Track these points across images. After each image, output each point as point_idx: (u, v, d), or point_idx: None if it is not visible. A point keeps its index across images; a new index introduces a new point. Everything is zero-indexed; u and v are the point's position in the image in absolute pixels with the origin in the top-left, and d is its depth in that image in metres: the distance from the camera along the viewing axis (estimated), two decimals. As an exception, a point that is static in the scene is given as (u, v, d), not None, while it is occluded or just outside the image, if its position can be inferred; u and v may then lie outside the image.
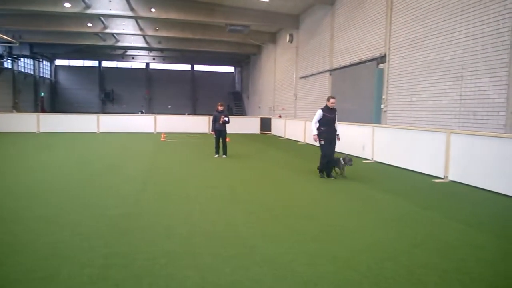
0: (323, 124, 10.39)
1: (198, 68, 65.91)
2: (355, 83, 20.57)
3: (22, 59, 47.40)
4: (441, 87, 14.11)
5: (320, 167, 10.60)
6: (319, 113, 10.40)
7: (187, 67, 65.69)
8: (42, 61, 54.55)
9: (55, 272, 4.16)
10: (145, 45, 43.62)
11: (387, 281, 4.08)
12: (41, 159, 13.08)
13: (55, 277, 4.05)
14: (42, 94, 54.60)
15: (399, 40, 16.84)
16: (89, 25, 34.19)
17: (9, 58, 43.76)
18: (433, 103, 14.59)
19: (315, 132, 10.49)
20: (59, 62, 61.60)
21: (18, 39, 37.96)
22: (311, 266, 4.43)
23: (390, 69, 17.54)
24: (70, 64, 62.65)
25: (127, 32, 36.40)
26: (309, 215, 6.64)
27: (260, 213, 6.65)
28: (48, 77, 58.87)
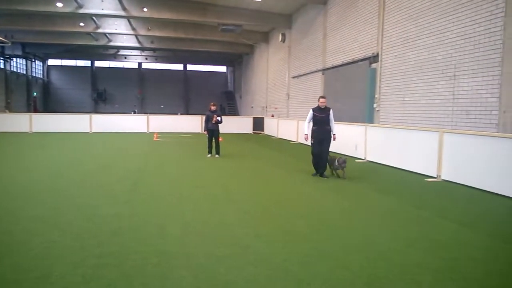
0: (314, 123, 10.56)
1: (190, 67, 65.88)
2: (348, 83, 20.62)
3: (14, 59, 47.22)
4: (434, 86, 14.16)
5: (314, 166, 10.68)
6: (310, 112, 10.61)
7: (179, 66, 65.63)
8: (34, 61, 54.34)
9: (48, 272, 4.13)
10: (137, 44, 43.51)
11: (380, 280, 4.08)
12: (33, 159, 12.98)
13: (48, 277, 4.01)
14: (35, 94, 54.36)
15: (391, 39, 16.90)
16: (82, 24, 34.05)
17: (1, 58, 43.57)
18: (425, 102, 14.64)
19: (305, 131, 10.78)
20: (51, 62, 61.36)
21: (10, 39, 37.75)
22: (305, 265, 4.42)
23: (383, 68, 17.59)
24: (63, 64, 62.42)
25: (119, 32, 36.29)
26: (302, 214, 6.64)
27: (254, 213, 6.64)
28: (41, 77, 58.62)
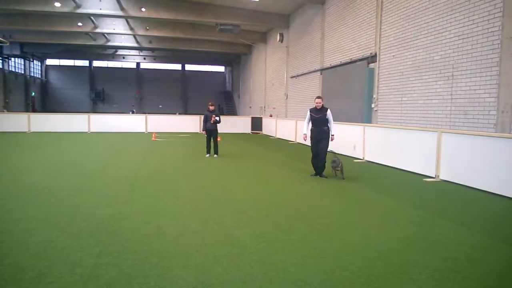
0: (312, 124, 10.63)
1: (189, 67, 65.91)
2: (346, 83, 20.63)
3: (12, 58, 47.15)
4: (432, 86, 14.18)
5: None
6: (308, 113, 10.66)
7: (178, 66, 65.66)
8: (32, 61, 54.31)
9: (46, 271, 4.12)
10: (135, 44, 43.45)
11: (379, 280, 4.08)
12: (32, 159, 12.95)
13: (47, 276, 4.00)
14: (33, 93, 54.30)
15: (389, 39, 16.92)
16: (80, 24, 34.00)
17: (-1, 58, 43.54)
18: (423, 102, 14.66)
19: (304, 131, 10.81)
20: (49, 62, 61.31)
21: (9, 39, 37.67)
22: (303, 265, 4.42)
23: (381, 68, 17.61)
24: (61, 64, 62.38)
25: (117, 32, 36.24)
26: (300, 214, 6.64)
27: (252, 213, 6.64)
28: (39, 76, 58.57)
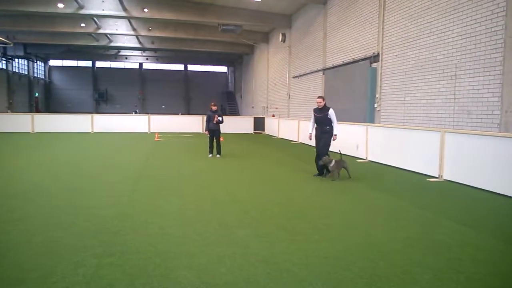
0: (315, 123, 10.71)
1: (191, 68, 65.93)
2: (349, 82, 20.60)
3: (16, 59, 47.27)
4: (435, 86, 14.15)
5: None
6: (312, 113, 10.76)
7: (180, 67, 65.68)
8: (36, 62, 54.43)
9: (49, 271, 4.12)
10: (138, 45, 43.50)
11: (381, 280, 4.07)
12: (35, 159, 12.98)
13: (49, 276, 4.01)
14: (37, 94, 54.44)
15: (392, 39, 16.88)
16: (83, 25, 34.04)
17: (3, 59, 43.60)
18: (426, 102, 14.63)
19: (310, 130, 10.89)
20: (53, 63, 61.46)
21: (12, 40, 37.77)
22: (306, 265, 4.41)
23: (383, 68, 17.58)
24: (64, 65, 62.52)
25: (120, 33, 36.28)
26: (303, 214, 6.63)
27: (255, 213, 6.63)
28: (42, 77, 58.71)
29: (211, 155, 14.23)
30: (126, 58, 61.01)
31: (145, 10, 27.78)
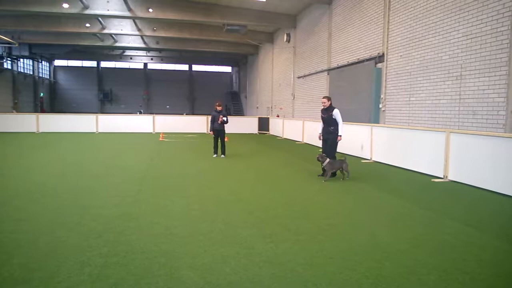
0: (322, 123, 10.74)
1: (196, 68, 66.07)
2: (353, 83, 20.57)
3: (21, 59, 47.49)
4: (440, 86, 14.11)
5: None
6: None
7: (185, 67, 65.83)
8: (41, 62, 54.66)
9: (55, 271, 4.15)
10: (143, 45, 43.59)
11: (387, 281, 4.07)
12: (40, 159, 13.04)
13: (55, 276, 4.03)
14: (42, 94, 54.67)
15: (397, 39, 16.85)
16: (87, 25, 34.16)
17: (8, 59, 43.79)
18: (431, 102, 14.59)
19: (320, 131, 10.92)
20: (58, 63, 61.71)
21: (17, 40, 37.94)
22: (310, 266, 4.41)
23: (388, 68, 17.55)
24: (69, 65, 62.78)
25: (125, 33, 36.37)
26: (307, 214, 6.63)
27: (259, 213, 6.63)
28: (47, 77, 58.96)
29: (215, 155, 14.24)
30: (131, 58, 61.15)
31: (150, 10, 27.85)
